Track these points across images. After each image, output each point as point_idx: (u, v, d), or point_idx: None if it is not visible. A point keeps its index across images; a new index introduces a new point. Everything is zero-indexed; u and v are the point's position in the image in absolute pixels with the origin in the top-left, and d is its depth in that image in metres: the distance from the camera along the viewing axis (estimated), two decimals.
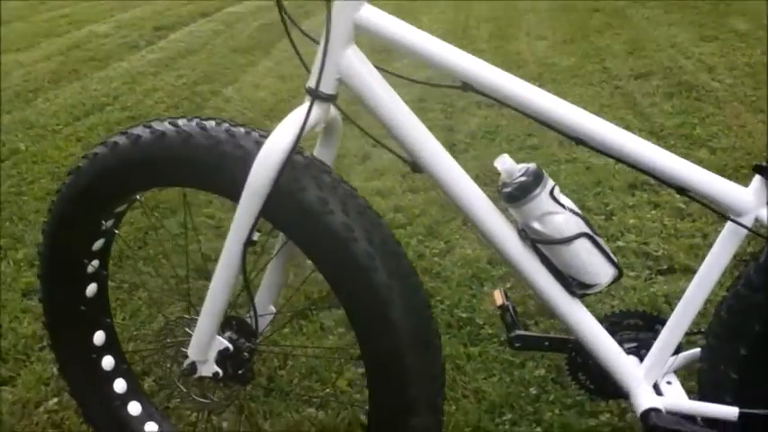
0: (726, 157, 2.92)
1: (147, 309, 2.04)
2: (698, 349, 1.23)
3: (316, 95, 1.01)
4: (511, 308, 1.29)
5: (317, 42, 1.03)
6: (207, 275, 2.15)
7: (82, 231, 1.23)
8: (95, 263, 1.27)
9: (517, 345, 1.27)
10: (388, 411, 1.07)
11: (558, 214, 1.05)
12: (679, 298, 2.01)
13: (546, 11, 6.27)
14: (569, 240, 1.04)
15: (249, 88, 4.24)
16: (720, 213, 1.05)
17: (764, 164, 1.04)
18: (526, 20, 5.96)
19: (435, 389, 1.08)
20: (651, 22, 5.43)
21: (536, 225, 1.05)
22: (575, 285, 1.09)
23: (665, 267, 2.17)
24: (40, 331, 1.88)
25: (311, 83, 1.02)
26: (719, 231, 1.07)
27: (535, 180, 1.04)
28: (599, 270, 1.07)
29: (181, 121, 1.08)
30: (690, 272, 2.12)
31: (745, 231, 1.05)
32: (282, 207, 1.00)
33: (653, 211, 2.52)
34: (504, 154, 1.07)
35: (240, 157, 1.02)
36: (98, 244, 1.26)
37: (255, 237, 1.02)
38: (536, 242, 1.06)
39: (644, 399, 1.13)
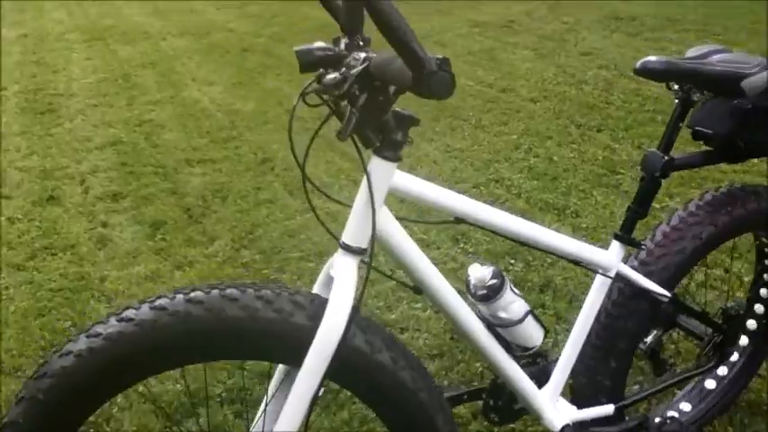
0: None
1: None
2: None
3: (361, 252, 1.13)
4: None
5: (346, 205, 1.15)
6: None
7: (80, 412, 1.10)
8: None
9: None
10: None
11: (515, 302, 1.34)
12: None
13: (197, 53, 6.37)
14: (522, 320, 1.34)
15: None
16: (593, 270, 1.47)
17: (619, 232, 1.49)
18: (183, 64, 6.00)
19: None
20: None
21: (502, 314, 1.33)
22: (518, 350, 1.40)
23: None
24: None
25: (352, 241, 1.13)
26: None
27: (501, 281, 1.32)
28: (536, 335, 1.40)
29: (195, 294, 1.06)
30: None
31: (609, 281, 1.48)
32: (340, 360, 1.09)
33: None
34: (475, 263, 1.32)
35: (283, 320, 1.08)
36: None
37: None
38: (495, 326, 1.34)
39: (556, 419, 1.50)
